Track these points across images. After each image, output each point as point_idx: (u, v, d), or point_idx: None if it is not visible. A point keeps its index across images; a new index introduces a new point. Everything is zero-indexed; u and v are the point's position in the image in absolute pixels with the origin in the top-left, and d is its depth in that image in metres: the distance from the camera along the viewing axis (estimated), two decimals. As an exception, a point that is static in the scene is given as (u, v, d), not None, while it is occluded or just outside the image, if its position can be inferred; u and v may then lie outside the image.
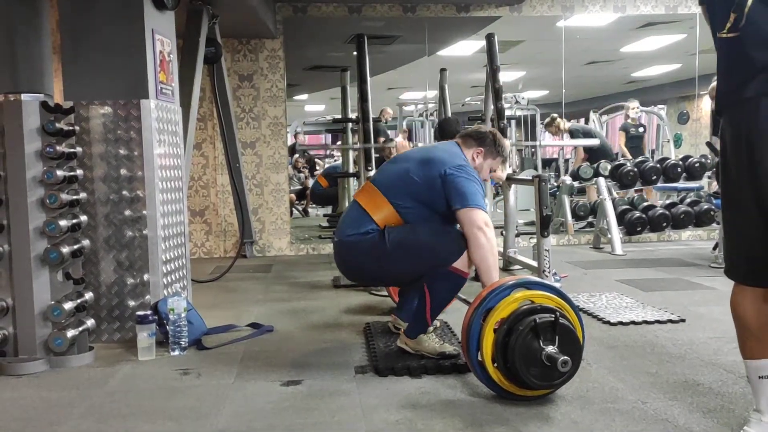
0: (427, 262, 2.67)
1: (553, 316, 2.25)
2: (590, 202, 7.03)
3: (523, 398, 2.31)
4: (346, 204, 7.65)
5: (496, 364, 2.31)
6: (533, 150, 10.49)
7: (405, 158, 2.93)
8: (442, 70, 7.58)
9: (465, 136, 2.95)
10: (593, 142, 7.24)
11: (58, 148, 2.88)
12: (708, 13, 1.91)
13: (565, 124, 7.50)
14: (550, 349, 2.22)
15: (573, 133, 7.56)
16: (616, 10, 6.63)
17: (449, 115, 7.32)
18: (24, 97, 2.85)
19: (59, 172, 2.87)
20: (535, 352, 2.22)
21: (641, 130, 8.02)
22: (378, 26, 6.72)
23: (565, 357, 2.20)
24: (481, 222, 2.62)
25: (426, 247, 2.68)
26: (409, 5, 6.37)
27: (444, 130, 4.69)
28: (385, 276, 2.92)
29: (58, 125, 2.90)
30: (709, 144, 4.93)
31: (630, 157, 7.44)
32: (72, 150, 3.01)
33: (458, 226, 2.72)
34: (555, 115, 7.59)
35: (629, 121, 7.89)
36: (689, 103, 7.65)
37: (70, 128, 3.01)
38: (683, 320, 3.38)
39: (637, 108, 7.85)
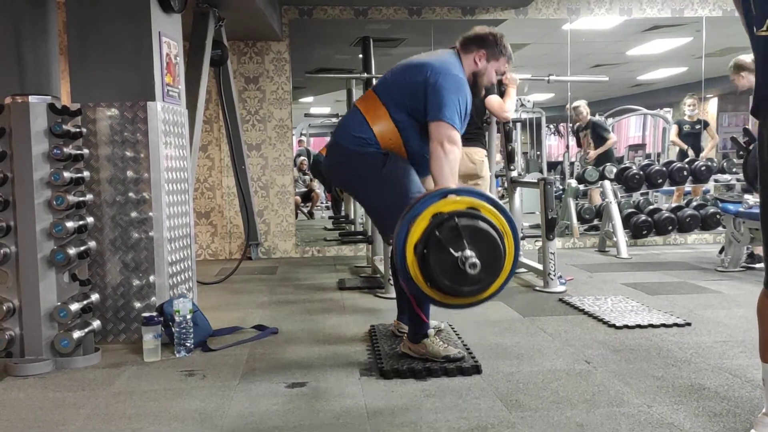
0: (395, 211, 2.43)
1: (454, 222, 2.18)
2: (595, 205, 7.00)
3: (458, 306, 2.34)
4: (352, 203, 7.66)
5: (425, 281, 2.26)
6: (539, 153, 10.49)
7: (403, 65, 2.80)
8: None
9: (464, 42, 2.84)
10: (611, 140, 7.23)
11: (65, 149, 2.89)
12: (743, 9, 1.84)
13: (587, 113, 7.38)
14: (464, 254, 2.17)
15: (595, 127, 7.47)
16: (622, 13, 6.62)
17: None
18: (31, 99, 2.86)
19: (66, 174, 2.88)
20: (449, 263, 2.17)
21: (697, 127, 7.43)
22: (384, 29, 6.73)
23: (474, 260, 2.16)
24: (445, 138, 2.53)
25: (404, 204, 2.44)
26: (415, 8, 6.38)
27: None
28: (361, 194, 2.87)
29: (65, 127, 2.91)
30: (733, 139, 4.88)
31: (684, 147, 7.32)
32: (79, 152, 3.02)
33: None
34: (579, 103, 7.44)
35: (685, 117, 7.51)
36: (700, 105, 7.60)
37: (77, 130, 3.03)
38: (689, 324, 3.37)
39: (693, 105, 7.40)
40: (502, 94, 4.18)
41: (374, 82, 5.18)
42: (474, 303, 2.31)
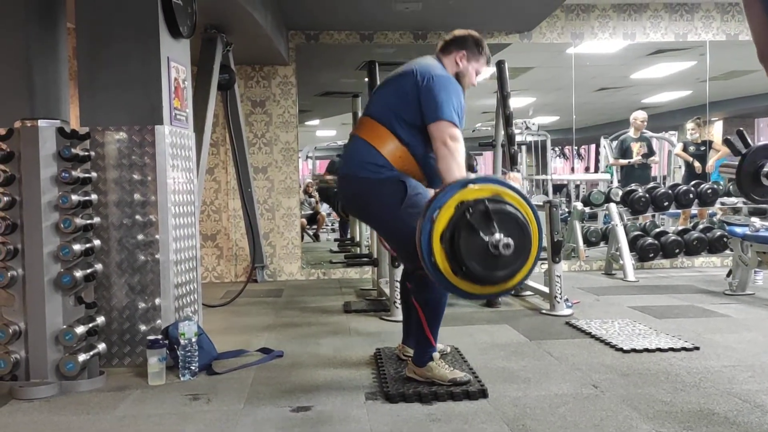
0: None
1: (484, 206, 2.19)
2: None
3: (487, 295, 2.29)
4: (357, 225, 7.66)
5: (454, 272, 2.26)
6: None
7: (387, 80, 2.83)
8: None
9: (444, 46, 2.87)
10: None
11: (73, 173, 2.92)
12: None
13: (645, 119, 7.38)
14: (495, 237, 2.17)
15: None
16: (625, 37, 6.67)
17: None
18: (41, 123, 2.89)
19: (74, 197, 2.90)
20: (480, 247, 2.17)
21: (702, 149, 7.58)
22: (389, 53, 6.80)
23: (507, 240, 2.16)
24: (447, 136, 2.53)
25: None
26: (420, 33, 6.45)
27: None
28: (385, 226, 2.81)
29: (73, 151, 2.94)
30: (727, 140, 4.88)
31: (689, 159, 7.38)
32: (87, 175, 3.04)
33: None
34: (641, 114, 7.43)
35: (689, 138, 7.62)
36: (700, 129, 7.62)
37: (86, 154, 3.06)
38: (697, 348, 3.34)
39: (693, 129, 7.51)
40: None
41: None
42: (502, 291, 2.30)
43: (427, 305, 2.68)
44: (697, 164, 7.29)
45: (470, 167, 3.09)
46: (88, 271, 2.96)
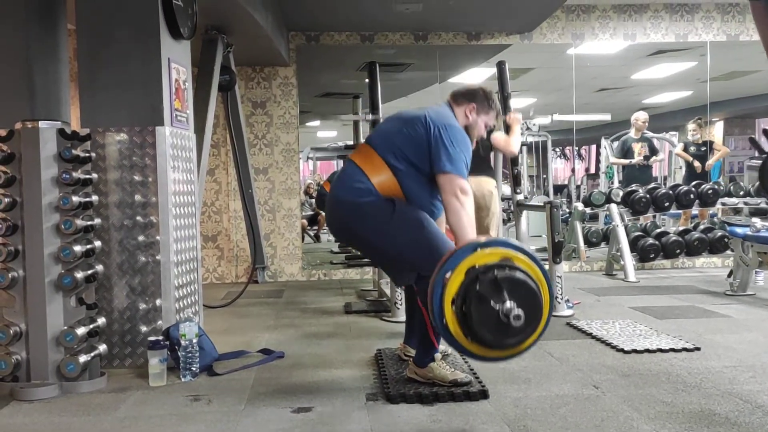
0: (419, 250, 2.59)
1: (493, 274, 2.18)
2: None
3: (499, 359, 2.36)
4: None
5: (465, 336, 2.25)
6: (545, 176, 10.49)
7: (398, 117, 2.84)
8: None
9: (455, 96, 2.90)
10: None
11: (74, 174, 2.92)
12: None
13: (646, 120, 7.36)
14: (505, 306, 2.16)
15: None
16: (626, 38, 6.67)
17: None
18: (41, 124, 2.89)
19: (75, 198, 2.90)
20: (491, 316, 2.16)
21: (703, 149, 7.49)
22: (390, 54, 6.80)
23: (517, 311, 2.15)
24: (458, 189, 2.58)
25: (426, 237, 2.61)
26: (421, 33, 6.45)
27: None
28: (376, 246, 2.79)
29: (74, 152, 2.94)
30: (752, 140, 4.88)
31: (689, 159, 7.36)
32: (87, 176, 3.04)
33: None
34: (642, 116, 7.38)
35: (690, 140, 7.55)
36: (701, 130, 7.62)
37: (86, 155, 3.06)
38: (698, 348, 3.34)
39: (695, 130, 7.45)
40: (507, 131, 4.29)
41: (380, 107, 5.21)
42: (514, 354, 2.30)
43: None
44: (697, 164, 7.28)
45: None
46: (89, 272, 2.96)
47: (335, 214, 2.81)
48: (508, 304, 2.16)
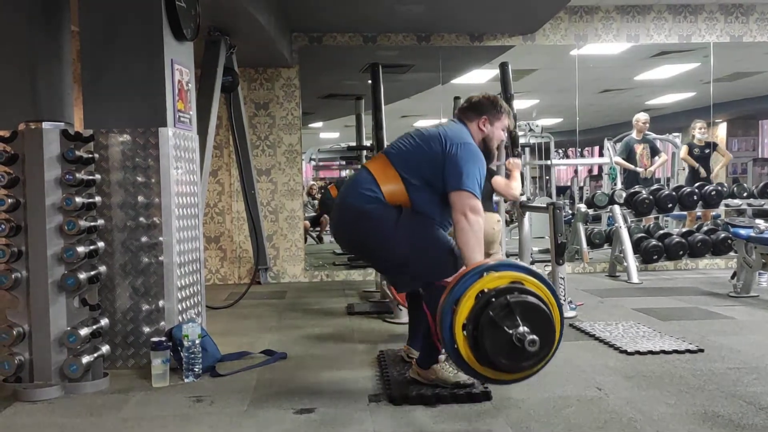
0: (425, 258, 2.62)
1: (505, 299, 2.19)
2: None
3: (512, 381, 2.34)
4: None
5: (477, 360, 2.26)
6: (548, 177, 10.48)
7: (417, 134, 2.84)
8: (456, 98, 7.62)
9: (464, 112, 2.89)
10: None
11: (77, 175, 2.92)
12: None
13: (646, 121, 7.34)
14: (519, 330, 2.17)
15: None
16: (629, 39, 6.67)
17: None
18: (45, 125, 2.90)
19: (78, 199, 2.91)
20: (505, 341, 2.17)
21: (707, 151, 7.42)
22: (392, 55, 6.80)
23: (532, 336, 2.16)
24: (467, 207, 2.56)
25: (433, 245, 2.63)
26: (423, 35, 6.45)
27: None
28: (380, 251, 2.77)
29: (77, 153, 2.94)
30: None
31: (695, 165, 7.31)
32: (91, 177, 3.04)
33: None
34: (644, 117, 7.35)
35: (695, 141, 7.49)
36: (709, 129, 7.59)
37: (90, 156, 3.06)
38: (702, 350, 3.33)
39: (703, 129, 7.38)
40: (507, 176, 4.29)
41: (382, 108, 5.21)
42: (527, 377, 2.30)
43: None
44: (703, 172, 7.23)
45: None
46: (92, 273, 2.96)
47: (341, 218, 2.82)
48: (521, 328, 2.17)
